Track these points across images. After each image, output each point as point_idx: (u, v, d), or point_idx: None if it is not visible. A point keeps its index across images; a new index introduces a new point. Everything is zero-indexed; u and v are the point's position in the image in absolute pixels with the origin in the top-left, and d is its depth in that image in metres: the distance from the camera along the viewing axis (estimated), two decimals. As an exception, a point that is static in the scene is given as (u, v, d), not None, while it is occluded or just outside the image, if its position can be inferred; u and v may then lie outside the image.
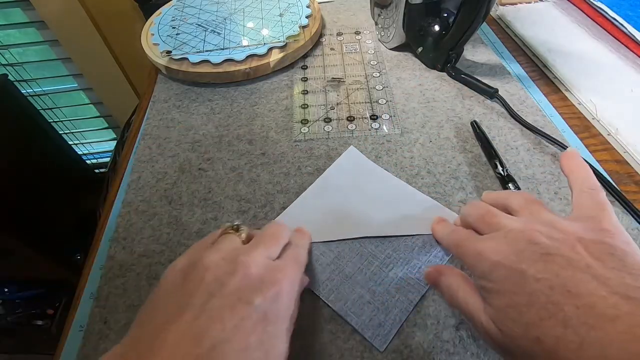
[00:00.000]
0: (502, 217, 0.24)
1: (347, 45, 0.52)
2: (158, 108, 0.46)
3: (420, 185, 0.35)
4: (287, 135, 0.41)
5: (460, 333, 0.27)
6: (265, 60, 0.47)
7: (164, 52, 0.48)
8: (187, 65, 0.47)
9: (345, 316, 0.28)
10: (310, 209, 0.34)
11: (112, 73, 0.99)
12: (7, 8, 0.88)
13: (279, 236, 0.25)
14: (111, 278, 0.31)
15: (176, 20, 0.54)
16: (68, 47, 0.93)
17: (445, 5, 0.45)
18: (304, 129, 0.41)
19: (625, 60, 0.47)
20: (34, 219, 0.87)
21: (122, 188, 0.39)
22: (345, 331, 0.27)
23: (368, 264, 0.30)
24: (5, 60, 0.97)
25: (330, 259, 0.31)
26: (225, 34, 0.51)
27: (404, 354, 0.26)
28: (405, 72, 0.48)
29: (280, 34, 0.50)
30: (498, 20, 0.57)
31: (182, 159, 0.40)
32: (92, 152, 1.25)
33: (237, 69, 0.47)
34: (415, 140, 0.40)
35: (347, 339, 0.27)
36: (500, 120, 0.41)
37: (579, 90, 0.44)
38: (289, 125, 0.42)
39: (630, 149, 0.38)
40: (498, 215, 0.24)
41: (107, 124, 1.19)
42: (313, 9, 0.54)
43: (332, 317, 0.28)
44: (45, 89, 1.06)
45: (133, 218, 0.35)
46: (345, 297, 0.29)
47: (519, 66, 0.49)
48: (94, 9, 0.88)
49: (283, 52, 0.48)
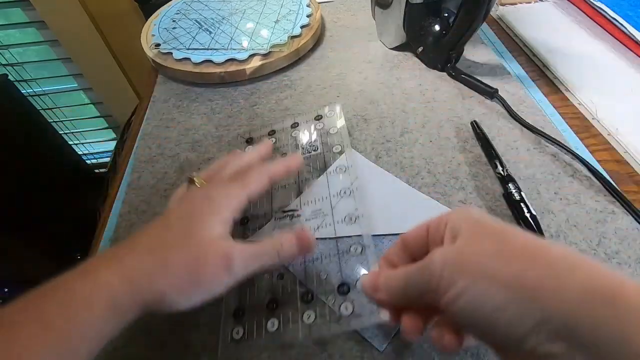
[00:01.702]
0: None
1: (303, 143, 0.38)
2: (158, 108, 0.46)
3: (420, 185, 0.35)
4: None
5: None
6: (243, 67, 0.46)
7: (153, 45, 0.48)
8: (171, 60, 0.47)
9: (346, 278, 0.28)
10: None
11: (112, 73, 1.00)
12: (7, 8, 0.89)
13: (222, 176, 0.29)
14: (111, 278, 0.31)
15: (180, 14, 0.54)
16: (68, 47, 0.93)
17: (445, 5, 0.45)
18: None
19: (625, 60, 0.47)
20: (34, 219, 0.87)
21: (122, 188, 0.39)
22: (345, 331, 0.27)
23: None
24: (5, 60, 0.97)
25: (330, 258, 0.31)
26: (216, 34, 0.51)
27: (404, 354, 0.26)
28: (405, 72, 0.48)
29: (267, 41, 0.49)
30: (498, 20, 0.57)
31: (182, 159, 0.40)
32: (92, 152, 1.25)
33: (213, 71, 0.46)
34: (415, 140, 0.40)
35: (347, 339, 0.27)
36: (500, 120, 0.41)
37: (579, 90, 0.44)
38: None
39: (631, 149, 0.38)
40: None
41: (107, 124, 1.19)
42: (312, 19, 0.53)
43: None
44: (45, 89, 1.06)
45: (133, 218, 0.35)
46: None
47: (519, 66, 0.49)
48: (94, 9, 0.88)
49: (263, 61, 0.47)
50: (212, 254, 0.23)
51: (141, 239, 0.24)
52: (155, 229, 0.24)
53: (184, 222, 0.24)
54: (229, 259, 0.23)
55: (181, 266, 0.22)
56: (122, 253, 0.23)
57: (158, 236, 0.24)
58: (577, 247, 0.30)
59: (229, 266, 0.23)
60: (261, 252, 0.25)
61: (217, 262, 0.23)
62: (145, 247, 0.23)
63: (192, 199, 0.26)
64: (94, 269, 0.22)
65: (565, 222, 0.32)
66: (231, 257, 0.23)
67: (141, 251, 0.23)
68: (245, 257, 0.24)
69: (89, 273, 0.21)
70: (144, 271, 0.22)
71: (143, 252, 0.23)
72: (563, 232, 0.31)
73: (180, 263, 0.22)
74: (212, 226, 0.24)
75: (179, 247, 0.23)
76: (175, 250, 0.23)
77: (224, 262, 0.23)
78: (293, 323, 0.27)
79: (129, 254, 0.22)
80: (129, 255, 0.22)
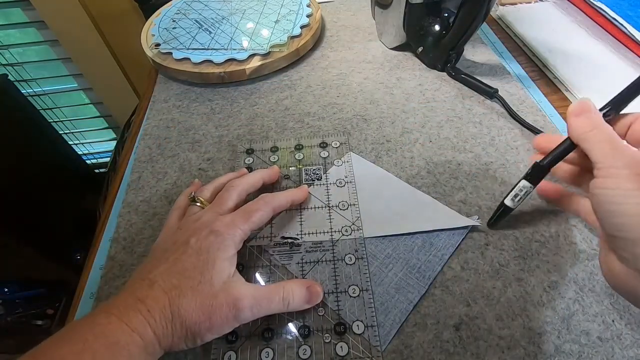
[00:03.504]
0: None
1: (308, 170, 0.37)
2: (158, 108, 0.46)
3: (420, 185, 0.35)
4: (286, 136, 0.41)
5: (460, 333, 0.27)
6: (242, 67, 0.46)
7: (153, 45, 0.48)
8: (170, 60, 0.47)
9: (344, 316, 0.28)
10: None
11: (112, 73, 0.99)
12: (7, 8, 0.88)
13: (226, 199, 0.30)
14: (111, 278, 0.31)
15: (180, 14, 0.54)
16: (68, 47, 0.93)
17: (445, 5, 0.45)
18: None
19: (625, 60, 0.47)
20: (34, 219, 0.87)
21: (122, 188, 0.39)
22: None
23: (367, 263, 0.30)
24: (5, 60, 0.97)
25: (330, 259, 0.31)
26: (216, 34, 0.51)
27: (404, 354, 0.26)
28: (405, 72, 0.48)
29: (266, 41, 0.49)
30: (498, 20, 0.57)
31: (182, 159, 0.40)
32: (92, 152, 1.25)
33: (213, 71, 0.46)
34: (415, 140, 0.40)
35: (347, 339, 0.27)
36: (500, 120, 0.41)
37: (579, 90, 0.44)
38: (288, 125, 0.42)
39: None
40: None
41: (107, 124, 1.19)
42: (312, 19, 0.53)
43: (332, 318, 0.28)
44: (45, 89, 1.05)
45: (133, 218, 0.35)
46: (345, 298, 0.29)
47: (519, 66, 0.49)
48: (94, 9, 0.88)
49: (263, 61, 0.47)
50: (223, 300, 0.24)
51: (156, 276, 0.25)
52: (167, 262, 0.25)
53: (194, 263, 0.25)
54: (238, 309, 0.24)
55: (195, 314, 0.24)
56: (142, 295, 0.24)
57: (170, 273, 0.25)
58: (577, 246, 0.31)
59: (237, 316, 0.25)
60: (270, 298, 0.26)
61: (227, 311, 0.24)
62: (161, 288, 0.24)
63: (198, 230, 0.27)
64: (124, 314, 0.23)
65: (566, 221, 0.32)
66: (240, 307, 0.25)
67: (158, 291, 0.24)
68: (253, 305, 0.25)
69: (121, 321, 0.22)
70: (165, 320, 0.23)
71: (160, 293, 0.24)
72: (563, 232, 0.31)
73: (194, 310, 0.24)
74: (222, 269, 0.25)
75: (192, 294, 0.24)
76: (190, 298, 0.24)
77: (233, 313, 0.24)
78: (288, 357, 0.26)
79: (149, 296, 0.24)
80: (150, 299, 0.24)
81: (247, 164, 0.38)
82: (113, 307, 0.23)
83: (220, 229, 0.27)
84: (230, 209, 0.29)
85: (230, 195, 0.30)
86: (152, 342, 0.22)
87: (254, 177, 0.33)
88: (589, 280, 0.29)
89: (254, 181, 0.33)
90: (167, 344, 0.23)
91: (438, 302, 0.28)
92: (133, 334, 0.22)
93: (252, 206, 0.29)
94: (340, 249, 0.31)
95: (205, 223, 0.28)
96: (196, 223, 0.28)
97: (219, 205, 0.29)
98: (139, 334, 0.22)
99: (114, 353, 0.21)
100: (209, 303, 0.24)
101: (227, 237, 0.27)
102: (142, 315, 0.23)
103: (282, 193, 0.32)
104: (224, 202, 0.30)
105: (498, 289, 0.29)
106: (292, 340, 0.27)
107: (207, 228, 0.27)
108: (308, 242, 0.32)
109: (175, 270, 0.25)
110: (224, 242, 0.26)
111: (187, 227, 0.28)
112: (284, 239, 0.32)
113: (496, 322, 0.27)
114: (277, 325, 0.28)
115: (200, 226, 0.27)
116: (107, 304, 0.23)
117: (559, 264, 0.30)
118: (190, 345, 0.24)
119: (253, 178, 0.33)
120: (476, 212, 0.33)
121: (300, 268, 0.30)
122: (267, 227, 0.33)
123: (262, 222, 0.30)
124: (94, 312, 0.23)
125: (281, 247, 0.32)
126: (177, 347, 0.24)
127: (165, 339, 0.23)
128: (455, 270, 0.30)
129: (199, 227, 0.27)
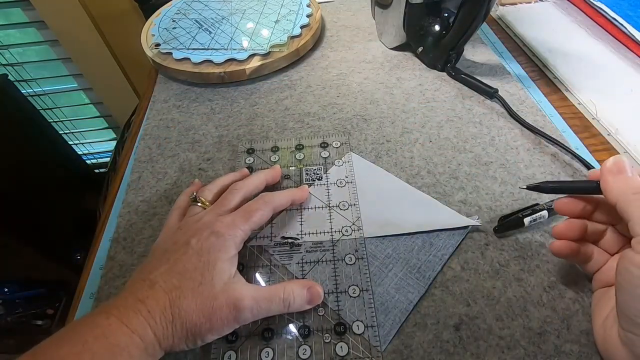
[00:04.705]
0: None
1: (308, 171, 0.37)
2: (158, 108, 0.46)
3: (420, 185, 0.35)
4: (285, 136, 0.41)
5: (460, 333, 0.27)
6: (242, 67, 0.46)
7: (153, 45, 0.48)
8: (170, 60, 0.47)
9: (344, 317, 0.28)
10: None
11: (112, 73, 0.99)
12: (7, 8, 0.88)
13: (230, 201, 0.30)
14: (111, 278, 0.31)
15: (180, 14, 0.54)
16: (68, 47, 0.93)
17: (445, 5, 0.45)
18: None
19: (625, 60, 0.47)
20: (34, 219, 0.87)
21: (122, 188, 0.39)
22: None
23: (367, 264, 0.30)
24: (5, 60, 0.97)
25: (330, 259, 0.31)
26: (216, 34, 0.51)
27: (404, 354, 0.26)
28: (405, 72, 0.48)
29: (266, 41, 0.49)
30: (498, 20, 0.57)
31: (182, 159, 0.40)
32: (92, 152, 1.25)
33: (213, 71, 0.46)
34: (415, 140, 0.40)
35: (347, 339, 0.27)
36: (500, 120, 0.41)
37: (579, 90, 0.44)
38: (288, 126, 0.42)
39: (630, 149, 0.38)
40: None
41: (107, 124, 1.19)
42: (312, 19, 0.53)
43: (332, 318, 0.28)
44: (45, 89, 1.05)
45: (133, 218, 0.35)
46: (345, 298, 0.29)
47: (519, 66, 0.49)
48: (94, 9, 0.88)
49: (263, 61, 0.47)
50: (224, 301, 0.24)
51: (156, 277, 0.25)
52: (167, 263, 0.26)
53: (195, 264, 0.25)
54: (238, 311, 0.25)
55: (196, 315, 0.24)
56: (143, 295, 0.24)
57: (171, 273, 0.25)
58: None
59: (237, 317, 0.25)
60: (270, 299, 0.26)
61: (227, 313, 0.24)
62: (162, 289, 0.24)
63: (199, 231, 0.27)
64: (124, 315, 0.23)
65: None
66: (240, 309, 0.25)
67: (159, 292, 0.24)
68: (253, 306, 0.25)
69: (121, 322, 0.22)
70: (166, 321, 0.23)
71: (160, 294, 0.24)
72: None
73: (195, 311, 0.24)
74: (222, 270, 0.26)
75: (193, 295, 0.24)
76: (190, 299, 0.24)
77: (233, 314, 0.24)
78: (288, 357, 0.26)
79: (150, 297, 0.24)
80: (150, 299, 0.24)
81: (247, 163, 0.38)
82: (113, 308, 0.23)
83: (221, 229, 0.27)
84: (232, 211, 0.30)
85: (234, 197, 0.30)
86: (152, 343, 0.23)
87: (258, 179, 0.33)
88: (589, 281, 0.29)
89: (259, 183, 0.33)
90: (167, 345, 0.23)
91: (438, 302, 0.28)
92: (133, 335, 0.22)
93: (252, 206, 0.29)
94: (341, 249, 0.31)
95: (206, 224, 0.28)
96: (197, 224, 0.28)
97: (222, 207, 0.29)
98: (139, 335, 0.22)
99: (114, 355, 0.21)
100: (209, 304, 0.24)
101: (228, 238, 0.27)
102: (142, 317, 0.23)
103: (282, 192, 0.32)
104: (227, 204, 0.30)
105: (498, 289, 0.29)
106: (292, 340, 0.27)
107: (208, 229, 0.27)
108: (308, 242, 0.32)
109: (175, 271, 0.25)
110: (225, 243, 0.26)
111: (187, 227, 0.28)
112: (284, 239, 0.32)
113: (496, 322, 0.27)
114: (277, 325, 0.28)
115: (202, 227, 0.27)
116: (107, 304, 0.23)
117: (559, 264, 0.30)
118: (191, 346, 0.24)
119: (257, 180, 0.33)
120: (476, 212, 0.33)
121: (300, 268, 0.30)
122: (267, 227, 0.33)
123: (263, 221, 0.30)
124: (94, 312, 0.23)
125: (281, 247, 0.32)
126: (177, 348, 0.24)
127: (165, 340, 0.23)
128: (455, 270, 0.30)
129: (200, 227, 0.27)
